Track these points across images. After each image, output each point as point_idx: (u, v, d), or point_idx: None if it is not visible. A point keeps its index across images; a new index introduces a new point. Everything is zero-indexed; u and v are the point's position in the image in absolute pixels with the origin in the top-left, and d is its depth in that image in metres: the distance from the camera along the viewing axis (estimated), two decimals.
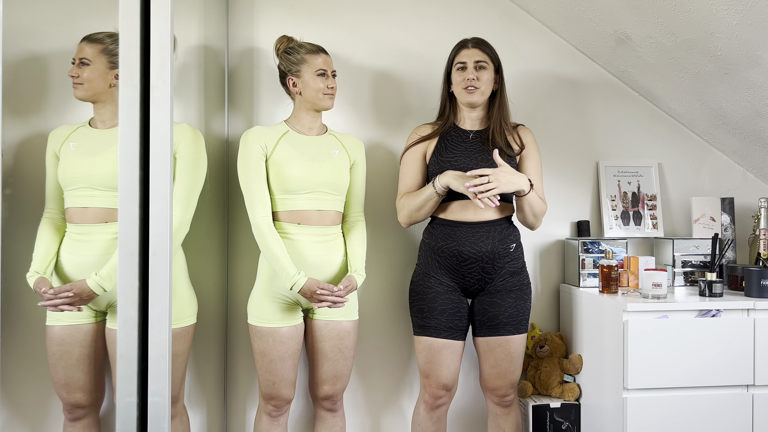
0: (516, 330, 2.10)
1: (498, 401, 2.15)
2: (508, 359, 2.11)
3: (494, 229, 2.10)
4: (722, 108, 2.35)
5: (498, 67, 2.15)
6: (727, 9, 1.85)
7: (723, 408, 2.07)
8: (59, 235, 1.92)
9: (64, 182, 1.88)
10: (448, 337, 2.09)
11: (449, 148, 2.14)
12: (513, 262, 2.13)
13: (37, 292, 1.81)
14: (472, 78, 2.09)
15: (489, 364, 2.12)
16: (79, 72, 1.85)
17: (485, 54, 2.12)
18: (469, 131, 2.17)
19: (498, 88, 2.15)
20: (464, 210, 2.10)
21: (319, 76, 2.06)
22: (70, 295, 1.77)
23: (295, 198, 2.04)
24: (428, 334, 2.10)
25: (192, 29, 2.22)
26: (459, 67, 2.12)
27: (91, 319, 1.89)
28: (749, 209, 2.63)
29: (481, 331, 2.12)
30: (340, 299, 1.99)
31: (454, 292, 2.12)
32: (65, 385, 1.89)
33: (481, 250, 2.07)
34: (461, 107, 2.18)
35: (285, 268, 1.97)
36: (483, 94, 2.11)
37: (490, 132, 2.13)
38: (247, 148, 2.04)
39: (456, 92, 2.14)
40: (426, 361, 2.11)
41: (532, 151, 2.18)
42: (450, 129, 2.18)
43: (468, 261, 2.08)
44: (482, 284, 2.11)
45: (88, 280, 1.79)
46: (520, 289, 2.12)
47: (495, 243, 2.09)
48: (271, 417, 2.10)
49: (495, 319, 2.09)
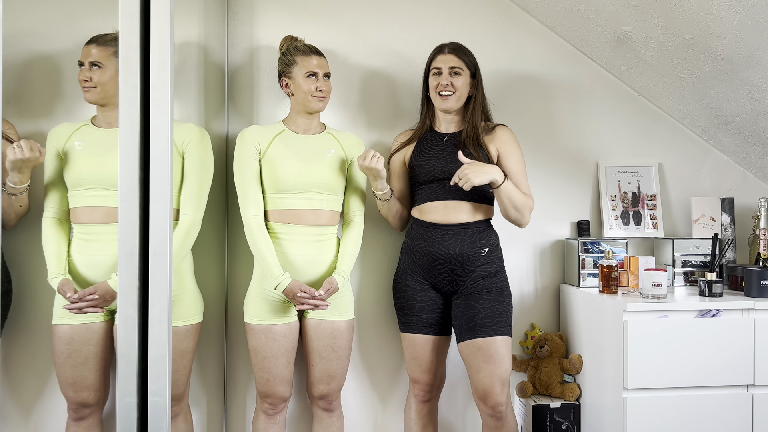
0: (494, 331, 2.04)
1: (491, 413, 2.06)
2: (490, 361, 2.03)
3: (464, 232, 2.11)
4: (722, 108, 2.35)
5: (474, 72, 2.17)
6: (727, 9, 1.85)
7: (723, 408, 2.07)
8: (66, 235, 1.92)
9: (72, 182, 1.87)
10: (429, 333, 2.15)
11: (424, 152, 2.18)
12: (485, 266, 2.11)
13: (62, 294, 1.81)
14: (446, 84, 2.12)
15: (473, 370, 2.07)
16: (90, 75, 1.84)
17: (460, 60, 2.14)
18: (444, 134, 2.20)
19: (474, 92, 2.17)
20: (435, 212, 2.13)
21: (309, 77, 2.07)
22: (95, 297, 1.78)
23: (287, 197, 2.05)
24: (410, 330, 2.17)
25: (192, 29, 2.22)
26: (434, 72, 2.16)
27: (100, 318, 1.89)
28: (749, 209, 2.63)
29: (462, 335, 2.09)
30: (321, 303, 1.99)
31: (430, 290, 2.16)
32: (72, 384, 1.89)
33: (449, 251, 2.10)
34: (437, 111, 2.21)
35: (271, 267, 1.99)
36: (458, 100, 2.14)
37: (462, 135, 2.15)
38: (241, 147, 2.06)
39: (432, 97, 2.18)
40: (411, 357, 2.17)
41: (511, 148, 2.17)
42: (427, 132, 2.23)
43: (437, 261, 2.11)
44: (454, 285, 2.13)
45: (110, 281, 1.79)
46: (494, 291, 2.09)
47: (464, 246, 2.10)
48: (267, 415, 2.11)
49: (471, 320, 2.07)
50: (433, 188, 2.14)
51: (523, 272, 2.51)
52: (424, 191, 2.16)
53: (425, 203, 2.15)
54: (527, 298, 2.52)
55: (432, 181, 2.14)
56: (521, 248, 2.51)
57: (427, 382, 2.18)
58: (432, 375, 2.17)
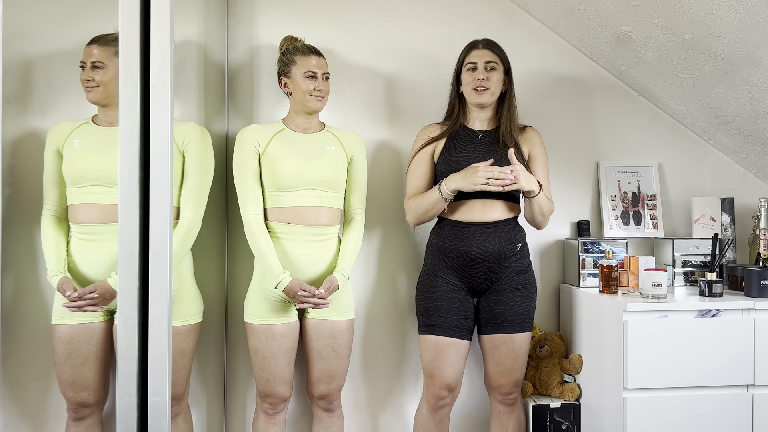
0: (521, 328, 2.12)
1: (502, 399, 2.16)
2: (513, 357, 2.12)
3: (501, 230, 2.11)
4: (722, 108, 2.35)
5: (507, 68, 2.16)
6: (727, 9, 1.85)
7: (723, 408, 2.07)
8: (64, 233, 1.92)
9: (71, 179, 1.88)
10: (454, 336, 2.09)
11: (458, 148, 2.14)
12: (519, 261, 2.14)
13: (61, 292, 1.81)
14: (482, 78, 2.10)
15: (493, 362, 2.13)
16: (92, 75, 1.85)
17: (495, 55, 2.13)
18: (478, 131, 2.18)
19: (507, 89, 2.16)
20: (471, 211, 2.10)
21: (308, 78, 2.07)
22: (95, 296, 1.78)
23: (288, 195, 2.05)
24: (434, 332, 2.09)
25: (192, 29, 2.22)
26: (469, 67, 2.13)
27: (100, 318, 1.89)
28: (749, 209, 2.63)
29: (487, 328, 2.13)
30: (322, 301, 1.99)
31: (461, 292, 2.12)
32: (72, 384, 1.89)
33: (488, 250, 2.08)
34: (470, 107, 2.18)
35: (271, 266, 1.99)
36: (493, 95, 2.12)
37: (500, 133, 2.14)
38: (241, 146, 2.07)
39: (465, 93, 2.15)
40: (431, 360, 2.10)
41: (541, 153, 2.20)
42: (459, 129, 2.19)
43: (475, 261, 2.09)
44: (489, 283, 2.12)
45: (110, 280, 1.80)
46: (526, 287, 2.14)
47: (502, 243, 2.10)
48: (267, 415, 2.11)
49: (500, 316, 2.10)
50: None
51: None
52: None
53: (460, 202, 2.11)
54: None
55: None
56: None
57: (444, 387, 2.09)
58: (451, 379, 2.09)
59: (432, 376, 2.11)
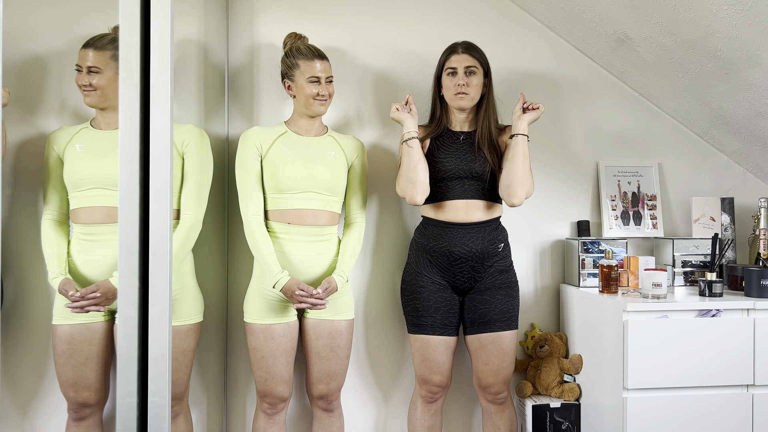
0: (507, 326, 2.15)
1: (492, 399, 2.19)
2: (501, 355, 2.15)
3: (484, 230, 2.14)
4: (722, 108, 2.35)
5: (487, 70, 2.19)
6: (727, 9, 1.85)
7: (723, 408, 2.07)
8: (65, 236, 1.92)
9: (72, 183, 1.88)
10: (443, 334, 2.15)
11: (441, 149, 2.18)
12: (501, 261, 2.18)
13: (63, 294, 1.81)
14: (462, 84, 2.12)
15: (482, 362, 2.16)
16: (89, 80, 1.85)
17: (475, 59, 2.15)
18: (459, 133, 2.21)
19: (486, 91, 2.18)
20: (455, 211, 2.14)
21: (312, 83, 2.07)
22: (97, 296, 1.78)
23: (288, 197, 2.06)
24: (424, 332, 2.15)
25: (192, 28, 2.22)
26: (449, 72, 2.16)
27: (101, 318, 1.89)
28: (749, 209, 2.63)
29: (473, 328, 2.16)
30: (319, 302, 2.00)
31: (446, 290, 2.16)
32: (73, 384, 1.89)
33: (471, 250, 2.12)
34: (452, 110, 2.21)
35: (270, 266, 2.00)
36: (473, 99, 2.16)
37: (477, 135, 2.17)
38: (243, 147, 2.08)
39: (447, 97, 2.18)
40: (422, 359, 2.16)
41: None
42: (443, 130, 2.22)
43: (459, 260, 2.12)
44: (472, 282, 2.16)
45: (112, 279, 1.80)
46: (509, 286, 2.18)
47: (485, 243, 2.13)
48: (267, 415, 2.12)
49: (486, 315, 2.13)
50: (452, 186, 2.14)
51: (523, 272, 2.50)
52: (442, 189, 2.15)
53: (445, 201, 2.15)
54: (527, 298, 2.52)
55: (451, 179, 2.14)
56: (521, 248, 2.51)
57: (437, 383, 2.18)
58: (443, 376, 2.17)
59: (425, 374, 2.17)
